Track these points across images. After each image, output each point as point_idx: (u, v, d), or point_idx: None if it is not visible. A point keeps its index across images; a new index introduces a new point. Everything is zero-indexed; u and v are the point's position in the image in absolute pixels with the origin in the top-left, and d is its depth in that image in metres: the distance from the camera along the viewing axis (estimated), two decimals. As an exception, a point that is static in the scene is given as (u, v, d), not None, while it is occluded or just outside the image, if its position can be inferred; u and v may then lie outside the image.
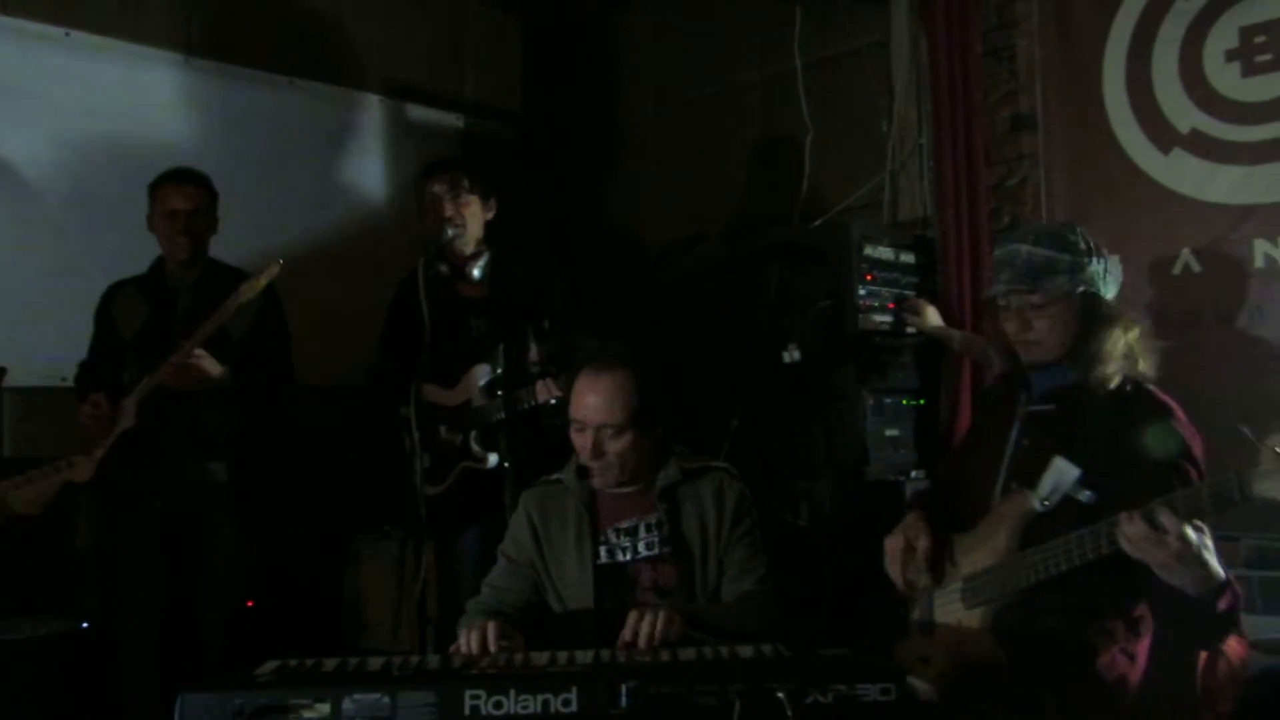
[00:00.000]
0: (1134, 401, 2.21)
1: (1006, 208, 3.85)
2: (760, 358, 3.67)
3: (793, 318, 3.66)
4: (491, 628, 2.15)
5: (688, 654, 1.97)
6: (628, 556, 2.40)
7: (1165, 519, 1.84)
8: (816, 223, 4.17)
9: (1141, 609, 2.18)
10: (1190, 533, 1.84)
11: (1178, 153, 3.47)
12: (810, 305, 3.60)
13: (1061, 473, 2.13)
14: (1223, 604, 1.93)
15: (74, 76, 3.96)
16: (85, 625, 3.36)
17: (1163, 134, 3.50)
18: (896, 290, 3.68)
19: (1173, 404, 2.24)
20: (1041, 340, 2.25)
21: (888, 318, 3.64)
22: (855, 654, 1.90)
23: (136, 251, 3.51)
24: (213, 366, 3.19)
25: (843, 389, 3.57)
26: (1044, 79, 3.76)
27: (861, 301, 3.56)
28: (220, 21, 4.38)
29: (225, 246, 3.55)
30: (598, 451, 2.35)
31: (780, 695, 1.64)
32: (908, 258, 3.77)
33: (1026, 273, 2.21)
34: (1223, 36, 3.36)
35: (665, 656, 1.97)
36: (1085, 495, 2.11)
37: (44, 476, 2.59)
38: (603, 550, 2.41)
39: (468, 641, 2.13)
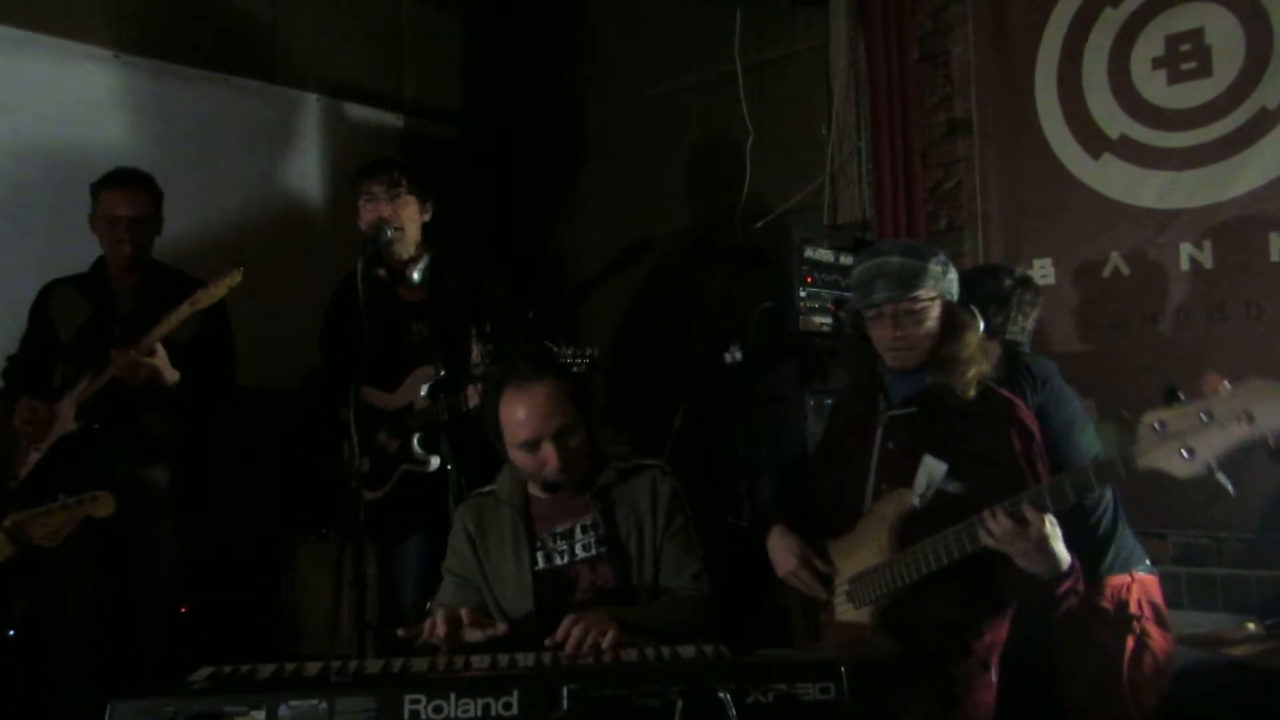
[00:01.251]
0: (986, 400, 2.35)
1: (943, 210, 3.91)
2: (702, 358, 3.69)
3: (734, 319, 3.68)
4: (465, 610, 2.16)
5: (629, 655, 1.96)
6: (565, 560, 2.39)
7: (1028, 513, 2.00)
8: (757, 225, 4.20)
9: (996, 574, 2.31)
10: (1048, 524, 2.00)
11: (1107, 158, 3.55)
12: (752, 307, 3.63)
13: (932, 469, 2.27)
14: (1062, 589, 2.10)
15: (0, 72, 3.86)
16: (11, 633, 3.28)
17: (1093, 139, 3.58)
18: (836, 292, 3.72)
19: (1016, 400, 2.42)
20: (915, 345, 2.34)
21: (828, 319, 3.68)
22: (795, 653, 1.92)
23: (65, 250, 3.43)
24: (169, 371, 3.15)
25: (784, 390, 3.60)
26: (979, 84, 3.83)
27: (802, 303, 3.60)
28: (152, 17, 4.28)
29: (159, 246, 3.48)
30: (566, 459, 2.28)
31: (723, 695, 1.65)
32: (847, 260, 3.80)
33: (900, 281, 2.32)
34: (1149, 45, 3.46)
35: (607, 658, 1.96)
36: (954, 486, 2.25)
37: (65, 509, 2.53)
38: (540, 555, 2.39)
39: (431, 627, 2.13)
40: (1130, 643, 2.78)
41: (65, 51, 4.04)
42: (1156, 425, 1.83)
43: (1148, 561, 2.89)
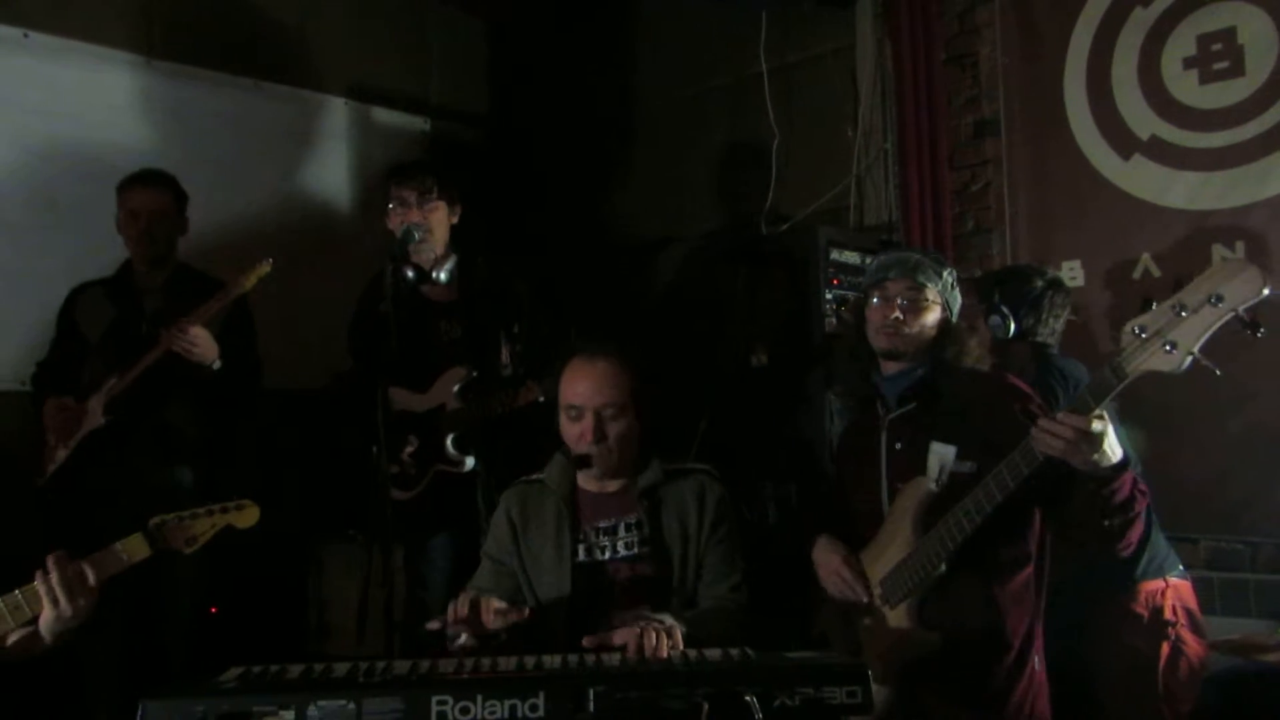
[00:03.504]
0: (975, 378, 2.44)
1: (970, 212, 3.89)
2: (728, 361, 3.68)
3: (760, 322, 3.67)
4: (488, 599, 2.18)
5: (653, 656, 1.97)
6: (606, 555, 2.41)
7: (1071, 419, 1.97)
8: (784, 227, 4.18)
9: (1037, 562, 2.35)
10: (1097, 423, 1.98)
11: (1138, 159, 3.52)
12: (777, 309, 3.62)
13: (941, 454, 2.31)
14: (1122, 492, 2.06)
15: (34, 78, 3.90)
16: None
17: (1123, 140, 3.55)
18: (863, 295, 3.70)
19: (1003, 373, 2.50)
20: (907, 333, 2.40)
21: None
22: (821, 656, 1.91)
23: (97, 254, 3.47)
24: (212, 347, 3.18)
25: (809, 392, 3.59)
26: (1006, 85, 3.81)
27: (828, 306, 3.58)
28: (182, 23, 4.33)
29: (188, 250, 3.51)
30: (599, 434, 2.36)
31: (749, 699, 1.65)
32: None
33: (915, 270, 2.42)
34: (1180, 44, 3.42)
35: (633, 661, 1.97)
36: (967, 466, 2.29)
37: (210, 515, 2.48)
38: (581, 548, 2.41)
39: (455, 607, 2.16)
40: (1165, 649, 2.75)
41: (98, 57, 4.09)
42: (1136, 330, 1.89)
43: (1181, 567, 2.86)
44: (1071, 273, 3.58)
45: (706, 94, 4.73)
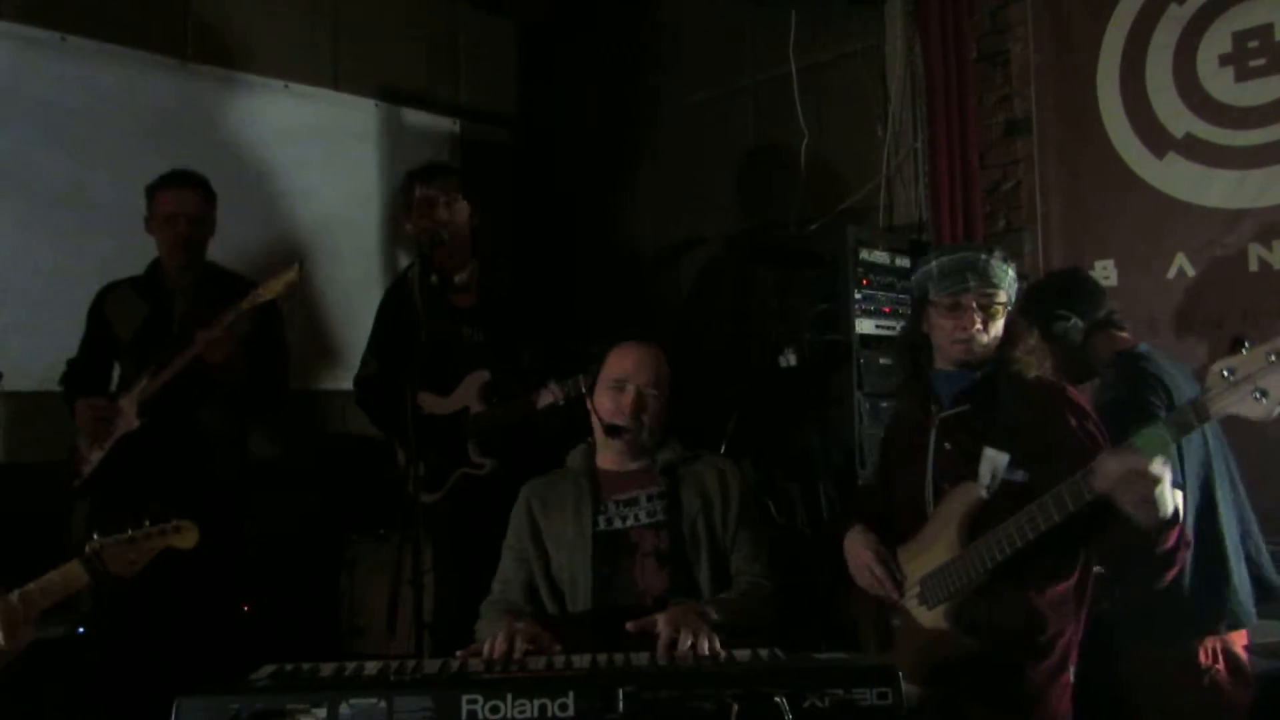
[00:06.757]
0: (1035, 388, 2.37)
1: (1001, 211, 3.86)
2: (756, 361, 3.68)
3: (788, 322, 3.66)
4: (520, 631, 2.15)
5: (686, 659, 1.97)
6: (627, 523, 2.44)
7: (1134, 459, 1.94)
8: (812, 227, 4.17)
9: (1081, 573, 2.31)
10: (1159, 466, 1.94)
11: (1172, 157, 3.48)
12: (806, 309, 3.61)
13: (994, 460, 2.27)
14: (1167, 543, 2.05)
15: (71, 81, 3.96)
16: (81, 630, 3.35)
17: (1157, 139, 3.51)
18: (892, 295, 3.69)
19: (1063, 383, 2.43)
20: (988, 341, 2.35)
21: (887, 321, 3.64)
22: (852, 658, 1.91)
23: (132, 255, 3.50)
24: (238, 366, 3.22)
25: (839, 392, 3.58)
26: (1038, 83, 3.77)
27: (858, 305, 3.57)
28: (216, 26, 4.38)
29: (219, 251, 3.54)
30: (640, 406, 2.45)
31: (778, 700, 1.64)
32: (903, 262, 3.77)
33: (986, 274, 2.34)
34: (1216, 42, 3.38)
35: (662, 660, 1.97)
36: (1019, 475, 2.25)
37: (148, 538, 2.46)
38: (601, 519, 2.45)
39: (492, 646, 2.13)
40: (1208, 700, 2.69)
41: (135, 60, 4.14)
42: (1225, 373, 1.83)
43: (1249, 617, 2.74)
44: (1105, 272, 3.55)
45: (735, 94, 4.72)
